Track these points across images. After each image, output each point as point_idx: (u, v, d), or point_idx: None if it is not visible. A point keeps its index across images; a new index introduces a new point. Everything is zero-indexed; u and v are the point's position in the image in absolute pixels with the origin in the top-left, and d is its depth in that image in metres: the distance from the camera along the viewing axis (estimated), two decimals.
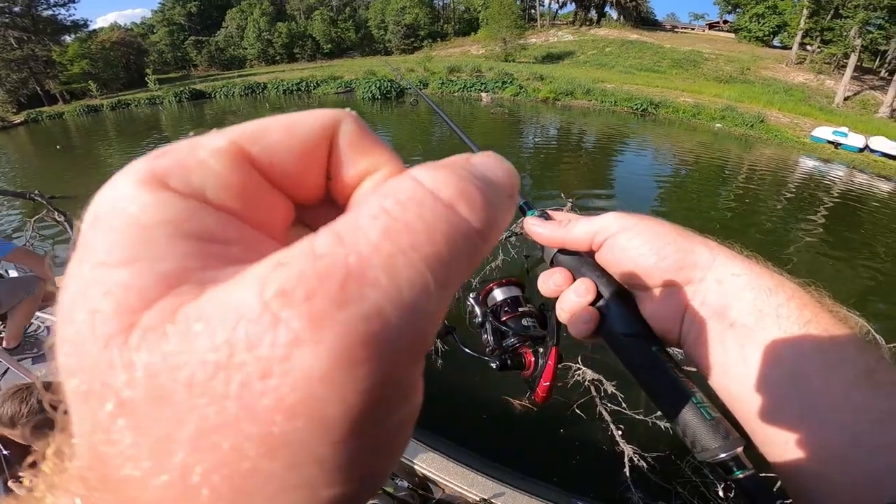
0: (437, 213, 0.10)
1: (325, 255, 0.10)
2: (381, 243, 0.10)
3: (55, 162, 14.30)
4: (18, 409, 1.17)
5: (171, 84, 33.39)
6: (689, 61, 29.62)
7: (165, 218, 0.11)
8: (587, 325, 0.35)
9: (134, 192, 0.11)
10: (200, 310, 0.09)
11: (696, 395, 0.30)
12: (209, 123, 20.64)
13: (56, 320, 0.11)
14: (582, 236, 0.36)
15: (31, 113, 27.59)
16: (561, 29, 40.65)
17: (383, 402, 0.10)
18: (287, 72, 33.46)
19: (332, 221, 0.11)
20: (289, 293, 0.09)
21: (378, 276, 0.09)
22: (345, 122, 0.14)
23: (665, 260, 0.33)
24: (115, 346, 0.10)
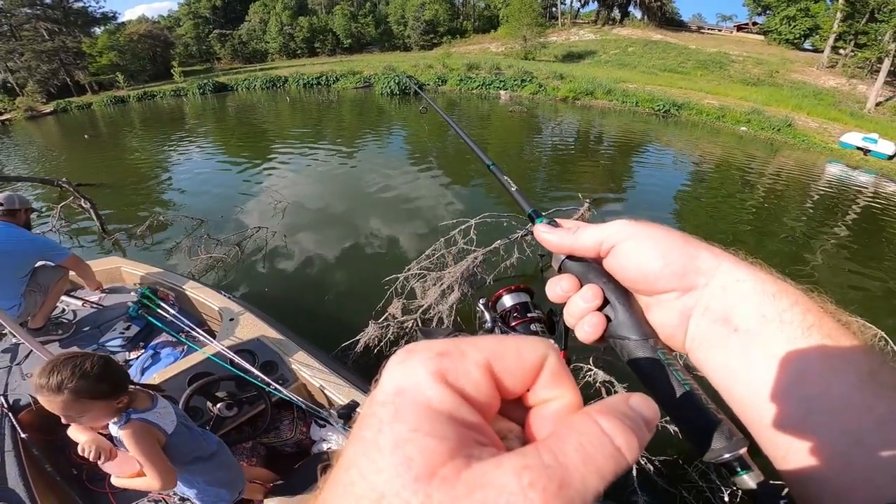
0: (610, 454, 0.16)
1: (551, 466, 0.15)
2: (579, 465, 0.16)
3: (82, 151, 14.74)
4: (70, 374, 1.19)
5: (195, 76, 34.08)
6: (714, 63, 28.91)
7: (447, 407, 0.16)
8: (594, 330, 0.36)
9: (429, 382, 0.17)
10: (476, 477, 0.15)
11: (701, 397, 0.31)
12: (231, 115, 21.02)
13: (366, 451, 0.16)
14: (590, 243, 0.37)
15: (60, 103, 28.49)
16: (582, 28, 40.08)
17: None
18: (307, 66, 33.80)
19: (546, 439, 0.17)
20: (534, 484, 0.14)
21: (577, 482, 0.15)
22: (551, 356, 0.20)
23: (670, 266, 0.34)
24: (421, 483, 0.14)
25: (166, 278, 3.15)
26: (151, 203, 8.02)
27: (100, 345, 2.68)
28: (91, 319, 2.93)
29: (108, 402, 1.29)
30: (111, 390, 1.29)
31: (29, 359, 2.54)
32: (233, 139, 14.63)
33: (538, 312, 0.56)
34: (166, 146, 13.70)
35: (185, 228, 6.14)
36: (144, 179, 9.97)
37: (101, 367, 1.26)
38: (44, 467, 1.93)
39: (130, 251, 5.74)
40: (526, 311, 0.56)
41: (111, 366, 1.32)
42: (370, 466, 0.15)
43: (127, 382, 1.37)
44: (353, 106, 21.60)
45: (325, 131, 14.74)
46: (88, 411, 1.26)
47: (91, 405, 1.25)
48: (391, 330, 3.43)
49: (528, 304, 0.56)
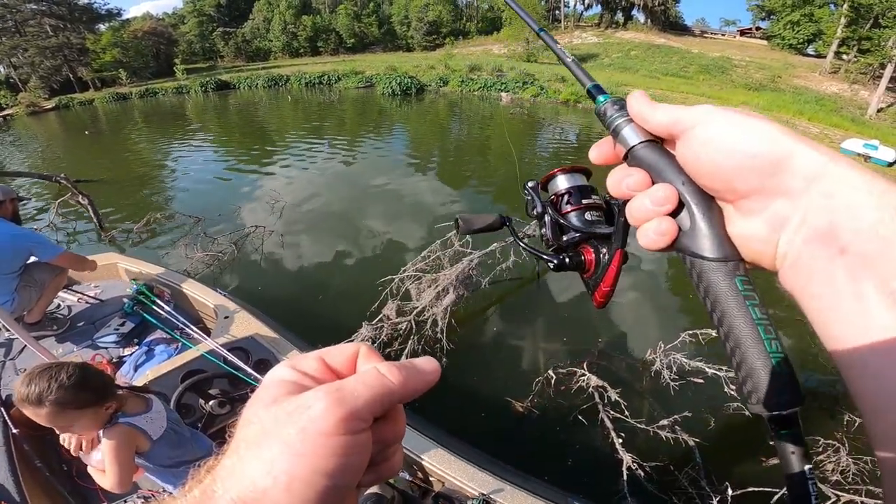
0: (374, 375, 0.27)
1: (337, 387, 0.25)
2: (352, 382, 0.26)
3: (83, 147, 14.76)
4: (47, 387, 1.18)
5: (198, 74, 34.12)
6: (717, 67, 28.89)
7: (291, 377, 0.27)
8: (661, 239, 0.31)
9: (283, 368, 0.28)
10: (296, 398, 0.25)
11: (772, 342, 0.26)
12: (232, 114, 21.03)
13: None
14: (662, 119, 0.32)
15: (62, 99, 28.53)
16: (586, 31, 40.09)
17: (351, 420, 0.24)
18: (310, 65, 33.82)
19: (346, 379, 0.27)
20: (325, 393, 0.25)
21: (349, 390, 0.25)
22: (362, 347, 0.30)
23: (758, 159, 0.27)
24: (267, 406, 0.25)
25: (162, 275, 3.16)
26: (150, 200, 8.04)
27: (94, 341, 2.69)
28: (86, 315, 2.94)
29: (95, 409, 1.28)
30: (95, 398, 1.27)
31: (23, 354, 2.54)
32: (233, 138, 14.64)
33: (595, 198, 0.50)
34: (167, 144, 13.71)
35: (183, 226, 6.15)
36: (143, 177, 9.98)
37: (79, 376, 1.24)
38: (34, 463, 1.93)
39: (127, 248, 5.75)
40: (581, 197, 0.50)
41: (89, 373, 1.29)
42: (246, 409, 0.26)
43: (111, 387, 1.35)
44: (355, 106, 21.61)
45: (326, 131, 14.75)
46: (77, 421, 1.25)
47: (78, 415, 1.24)
48: (385, 331, 3.43)
49: (586, 188, 0.50)
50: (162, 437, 1.43)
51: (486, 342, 3.86)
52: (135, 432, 1.36)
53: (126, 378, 2.42)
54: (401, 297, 3.79)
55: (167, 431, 1.45)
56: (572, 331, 3.98)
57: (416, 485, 1.78)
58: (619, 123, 0.36)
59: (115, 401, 1.33)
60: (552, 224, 0.51)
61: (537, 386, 3.04)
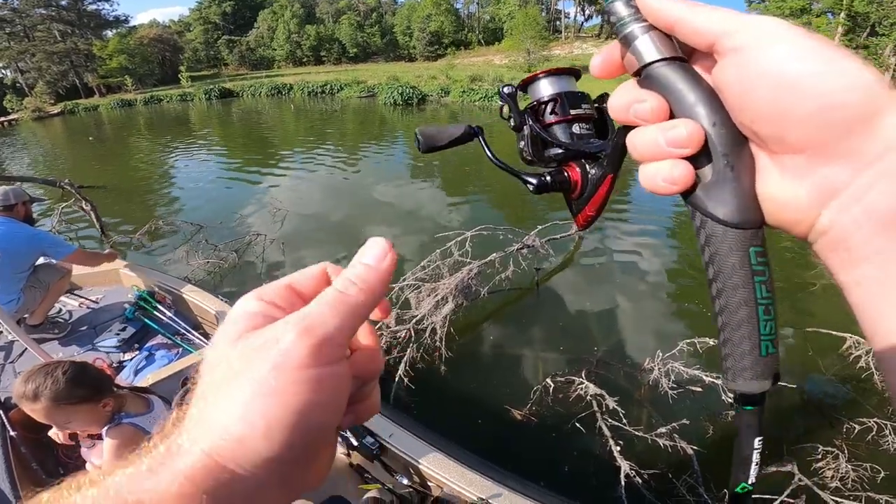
0: (333, 295, 0.24)
1: (303, 314, 0.23)
2: (315, 306, 0.24)
3: (87, 152, 14.87)
4: (43, 381, 1.21)
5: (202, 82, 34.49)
6: None
7: (256, 309, 0.25)
8: (671, 188, 0.25)
9: (249, 299, 0.26)
10: (263, 330, 0.23)
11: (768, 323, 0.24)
12: (235, 122, 21.21)
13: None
14: (705, 25, 0.24)
15: (67, 104, 28.82)
16: (586, 41, 40.60)
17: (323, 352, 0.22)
18: (313, 74, 34.22)
19: (309, 305, 0.24)
20: (292, 323, 0.22)
21: (316, 316, 0.23)
22: (328, 265, 0.29)
23: (841, 112, 0.21)
24: (233, 342, 0.23)
25: (163, 281, 3.19)
26: (152, 207, 8.09)
27: (95, 345, 2.71)
28: (87, 320, 2.96)
29: (90, 405, 1.30)
30: (90, 394, 1.30)
31: (23, 357, 2.55)
32: (236, 146, 14.77)
33: (585, 108, 0.42)
34: (170, 151, 13.82)
35: (184, 233, 6.18)
36: (146, 183, 10.05)
37: (75, 372, 1.27)
38: (31, 466, 1.93)
39: (129, 254, 5.78)
40: (569, 105, 0.42)
41: (86, 370, 1.32)
42: (210, 349, 0.24)
43: (108, 385, 1.38)
44: (356, 115, 21.81)
45: (328, 140, 14.87)
46: (73, 417, 1.28)
47: (73, 410, 1.26)
48: (384, 339, 3.45)
49: (574, 96, 0.42)
50: None
51: (485, 350, 3.88)
52: (138, 432, 1.37)
53: (127, 382, 2.44)
54: (400, 306, 3.82)
55: None
56: (571, 339, 3.99)
57: (414, 489, 1.79)
58: (632, 30, 0.27)
59: (112, 399, 1.35)
60: (531, 137, 0.44)
61: (536, 394, 3.05)
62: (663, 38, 0.27)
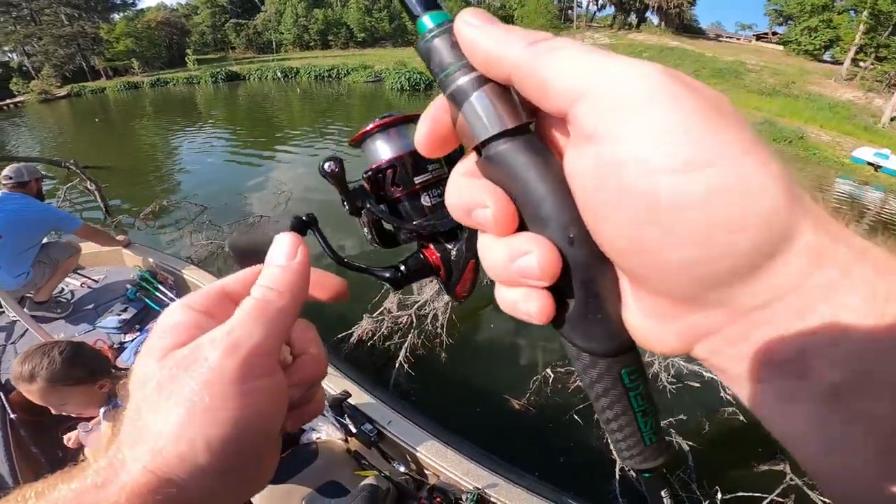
0: (263, 307, 0.24)
1: (227, 329, 0.23)
2: (248, 322, 0.23)
3: (93, 134, 14.89)
4: (39, 362, 1.20)
5: (209, 65, 34.29)
6: (730, 71, 28.59)
7: (182, 319, 0.24)
8: (529, 318, 0.20)
9: (175, 309, 0.25)
10: (190, 347, 0.23)
11: (648, 422, 0.23)
12: (241, 105, 21.12)
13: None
14: (553, 83, 0.17)
15: (74, 87, 28.81)
16: (598, 31, 39.79)
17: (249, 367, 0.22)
18: (320, 58, 33.91)
19: (233, 317, 0.24)
20: (217, 340, 0.22)
21: (249, 333, 0.23)
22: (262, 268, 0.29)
23: (717, 264, 0.16)
24: (160, 361, 0.23)
25: (166, 262, 3.18)
26: (156, 188, 8.09)
27: (96, 326, 2.71)
28: (89, 300, 2.96)
29: (86, 387, 1.29)
30: (87, 374, 1.29)
31: (24, 338, 2.55)
32: (242, 128, 14.71)
33: (433, 170, 0.34)
34: (175, 133, 13.80)
35: (188, 214, 6.18)
36: (151, 164, 10.05)
37: (71, 352, 1.26)
38: (30, 449, 1.94)
39: (132, 234, 5.79)
40: (414, 171, 0.34)
41: (83, 350, 1.31)
42: (138, 365, 0.24)
43: (105, 366, 1.37)
44: (363, 100, 21.63)
45: (334, 124, 14.77)
46: (69, 398, 1.26)
47: (69, 392, 1.25)
48: (385, 324, 3.44)
49: (418, 157, 0.33)
50: None
51: (486, 338, 3.86)
52: None
53: (127, 364, 2.44)
54: (402, 291, 3.80)
55: None
56: None
57: (411, 477, 1.79)
58: (460, 84, 0.20)
59: (109, 380, 1.34)
60: (371, 223, 0.36)
61: (535, 384, 3.03)
62: (502, 94, 0.19)
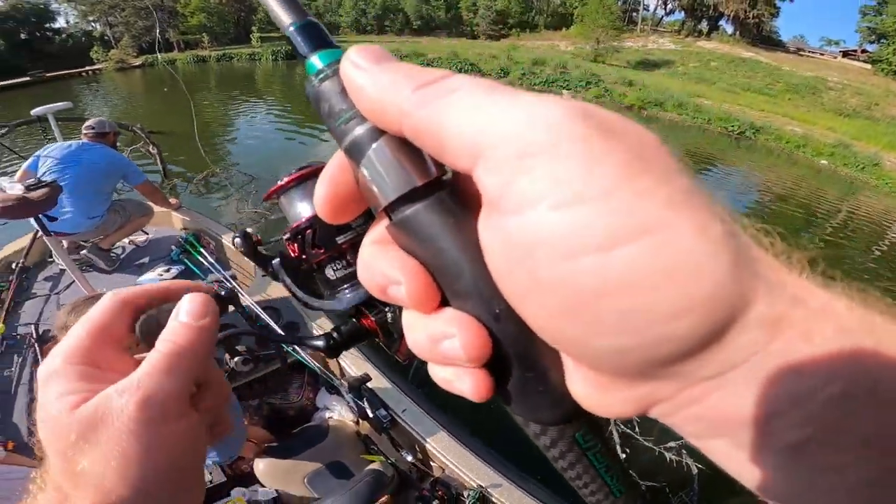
0: (168, 360, 0.25)
1: (140, 385, 0.24)
2: (156, 376, 0.24)
3: (160, 102, 15.80)
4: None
5: (270, 42, 35.50)
6: (808, 88, 26.52)
7: (74, 387, 0.25)
8: (466, 392, 0.18)
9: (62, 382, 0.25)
10: (95, 402, 0.23)
11: (614, 478, 0.22)
12: (297, 83, 21.74)
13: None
14: (450, 141, 0.15)
15: (148, 57, 30.56)
16: (663, 36, 37.94)
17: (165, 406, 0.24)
18: (375, 43, 34.02)
19: (140, 372, 0.25)
20: (127, 394, 0.23)
21: (161, 387, 0.24)
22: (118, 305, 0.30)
23: (651, 351, 0.14)
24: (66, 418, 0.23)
25: (210, 227, 3.28)
26: (211, 156, 8.48)
27: (138, 283, 2.81)
28: (135, 256, 3.10)
29: None
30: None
31: (69, 290, 2.63)
32: (295, 105, 15.13)
33: (359, 230, 0.31)
34: (234, 106, 14.42)
35: (237, 183, 6.45)
36: (208, 134, 10.53)
37: None
38: None
39: (184, 197, 6.10)
40: (335, 231, 0.32)
41: None
42: (46, 422, 0.24)
43: None
44: None
45: None
46: None
47: None
48: None
49: None
50: None
51: None
52: None
53: None
54: None
55: None
56: None
57: (416, 467, 1.77)
58: (358, 136, 0.17)
59: None
60: (289, 289, 0.34)
61: None
62: (406, 144, 0.16)
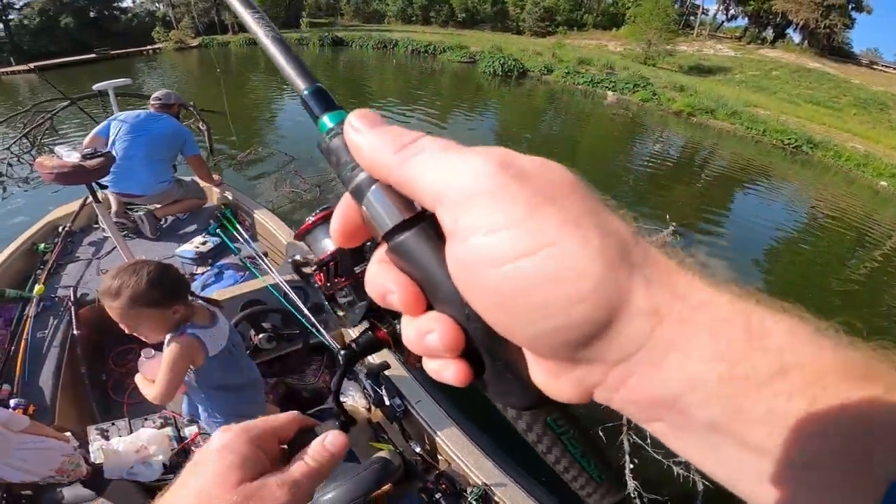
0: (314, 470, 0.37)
1: (295, 483, 0.35)
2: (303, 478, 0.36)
3: (212, 82, 16.45)
4: (127, 280, 1.22)
5: (318, 28, 36.16)
6: (876, 103, 24.53)
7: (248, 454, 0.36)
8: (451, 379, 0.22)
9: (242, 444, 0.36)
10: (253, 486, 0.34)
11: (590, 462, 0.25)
12: (340, 69, 22.12)
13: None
14: (419, 188, 0.20)
15: (204, 39, 31.78)
16: (721, 42, 35.97)
17: None
18: (419, 33, 34.26)
19: (288, 467, 0.36)
20: (286, 488, 0.35)
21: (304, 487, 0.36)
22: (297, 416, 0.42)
23: (560, 335, 0.18)
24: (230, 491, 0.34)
25: (248, 204, 3.37)
26: (255, 135, 8.79)
27: (175, 253, 2.89)
28: (176, 227, 3.21)
29: (161, 310, 1.28)
30: (163, 297, 1.27)
31: (111, 255, 2.72)
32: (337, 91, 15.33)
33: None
34: (279, 89, 14.82)
35: (277, 163, 6.66)
36: (254, 115, 10.92)
37: (157, 273, 1.26)
38: (79, 368, 2.01)
39: (227, 173, 6.36)
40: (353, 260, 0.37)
41: (168, 273, 1.31)
42: (205, 488, 0.33)
43: (184, 292, 1.36)
44: (454, 79, 21.63)
45: (422, 98, 14.96)
46: (143, 321, 1.27)
47: (144, 314, 1.25)
48: None
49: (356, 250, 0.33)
50: (217, 355, 1.39)
51: None
52: (197, 344, 1.34)
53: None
54: None
55: (223, 351, 1.42)
56: None
57: (423, 459, 1.78)
58: (359, 181, 0.22)
59: (183, 306, 1.34)
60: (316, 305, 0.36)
61: None
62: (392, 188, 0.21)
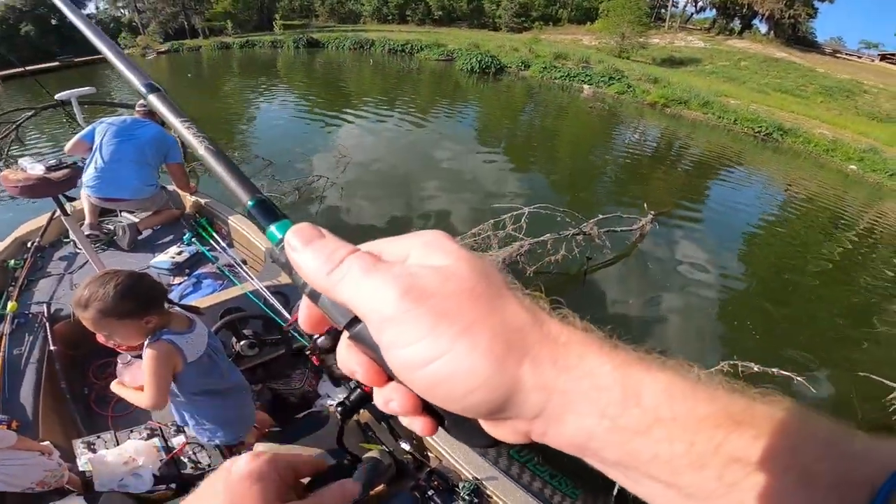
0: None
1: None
2: None
3: (183, 87, 16.06)
4: (95, 291, 1.22)
5: (293, 31, 35.65)
6: (842, 90, 25.42)
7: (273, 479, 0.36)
8: (419, 431, 0.26)
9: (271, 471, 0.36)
10: None
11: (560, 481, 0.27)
12: (317, 71, 21.83)
13: None
14: (355, 308, 0.24)
15: (174, 44, 30.96)
16: (692, 34, 36.78)
17: None
18: (396, 32, 34.10)
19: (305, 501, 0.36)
20: None
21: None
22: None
23: (479, 409, 0.22)
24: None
25: (223, 211, 3.29)
26: (230, 140, 8.61)
27: (150, 265, 2.80)
28: (150, 238, 3.12)
29: (133, 321, 1.28)
30: (135, 308, 1.27)
31: (83, 269, 2.64)
32: (314, 93, 15.21)
33: None
34: (254, 92, 14.56)
35: (255, 166, 6.53)
36: (229, 119, 10.69)
37: (127, 284, 1.25)
38: (59, 383, 1.97)
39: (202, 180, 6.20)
40: None
41: (141, 282, 1.30)
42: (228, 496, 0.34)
43: (158, 301, 1.34)
44: (432, 77, 21.59)
45: (401, 97, 14.89)
46: (115, 330, 1.26)
47: (115, 324, 1.25)
48: None
49: None
50: (195, 361, 1.40)
51: None
52: (174, 350, 1.34)
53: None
54: None
55: (202, 357, 1.42)
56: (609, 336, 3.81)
57: (414, 457, 1.77)
58: (312, 288, 0.27)
59: (157, 316, 1.33)
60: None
61: None
62: None
